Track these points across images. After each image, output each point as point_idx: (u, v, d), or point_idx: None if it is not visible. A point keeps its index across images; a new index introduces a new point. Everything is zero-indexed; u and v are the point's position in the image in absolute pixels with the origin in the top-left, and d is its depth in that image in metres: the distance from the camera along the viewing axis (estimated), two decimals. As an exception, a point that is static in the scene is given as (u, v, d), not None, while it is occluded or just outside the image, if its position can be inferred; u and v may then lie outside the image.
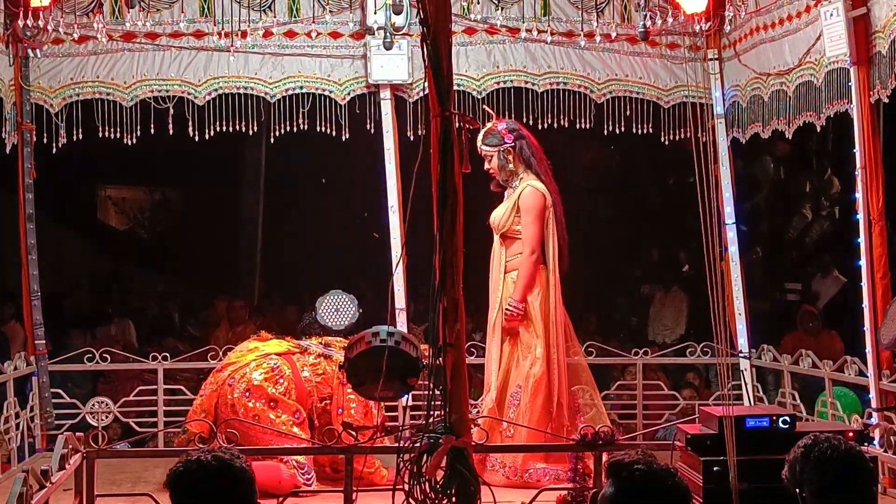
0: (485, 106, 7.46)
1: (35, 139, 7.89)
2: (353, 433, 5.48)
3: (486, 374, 7.00)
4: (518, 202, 6.90)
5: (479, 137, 6.95)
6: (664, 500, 3.04)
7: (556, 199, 7.00)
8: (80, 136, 8.00)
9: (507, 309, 6.80)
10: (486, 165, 7.01)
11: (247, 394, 6.64)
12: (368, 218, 11.88)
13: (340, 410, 6.71)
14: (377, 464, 6.58)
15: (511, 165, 6.95)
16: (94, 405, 8.10)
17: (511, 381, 6.80)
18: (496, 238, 7.04)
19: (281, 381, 6.72)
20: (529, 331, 6.83)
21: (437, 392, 4.78)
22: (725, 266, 8.04)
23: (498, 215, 7.01)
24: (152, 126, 8.03)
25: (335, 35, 8.18)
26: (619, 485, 3.05)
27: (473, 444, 4.84)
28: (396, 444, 5.03)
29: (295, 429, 6.58)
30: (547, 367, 6.77)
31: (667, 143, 8.39)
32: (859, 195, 6.73)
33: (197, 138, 8.02)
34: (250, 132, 8.27)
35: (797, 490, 3.35)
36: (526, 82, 8.31)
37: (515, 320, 6.79)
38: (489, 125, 7.08)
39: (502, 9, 8.14)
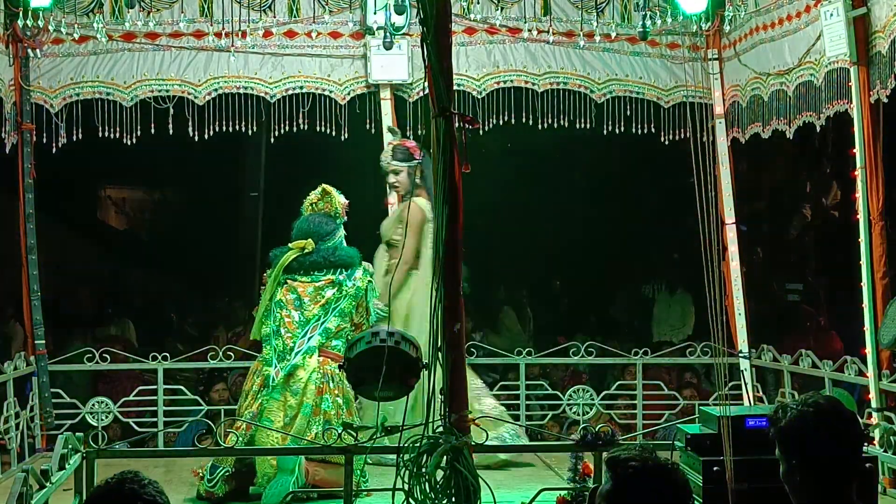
0: (389, 125, 7.82)
1: (35, 139, 7.90)
2: (354, 433, 5.47)
3: None
4: (404, 216, 6.98)
5: (388, 153, 7.34)
6: (664, 495, 3.02)
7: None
8: (80, 136, 8.01)
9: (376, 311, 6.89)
10: (392, 179, 7.33)
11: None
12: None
13: None
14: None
15: (418, 181, 7.26)
16: (94, 405, 8.10)
17: None
18: (382, 244, 7.38)
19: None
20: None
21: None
22: (725, 266, 8.04)
23: (384, 225, 7.42)
24: (152, 126, 8.03)
25: (335, 35, 8.19)
26: (617, 480, 3.04)
27: (473, 444, 4.84)
28: (396, 444, 5.02)
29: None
30: None
31: (667, 142, 8.39)
32: (859, 195, 6.74)
33: (197, 138, 8.03)
34: (250, 132, 8.28)
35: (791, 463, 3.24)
36: (526, 82, 8.32)
37: (384, 321, 6.85)
38: (395, 141, 7.43)
39: (502, 9, 8.15)
